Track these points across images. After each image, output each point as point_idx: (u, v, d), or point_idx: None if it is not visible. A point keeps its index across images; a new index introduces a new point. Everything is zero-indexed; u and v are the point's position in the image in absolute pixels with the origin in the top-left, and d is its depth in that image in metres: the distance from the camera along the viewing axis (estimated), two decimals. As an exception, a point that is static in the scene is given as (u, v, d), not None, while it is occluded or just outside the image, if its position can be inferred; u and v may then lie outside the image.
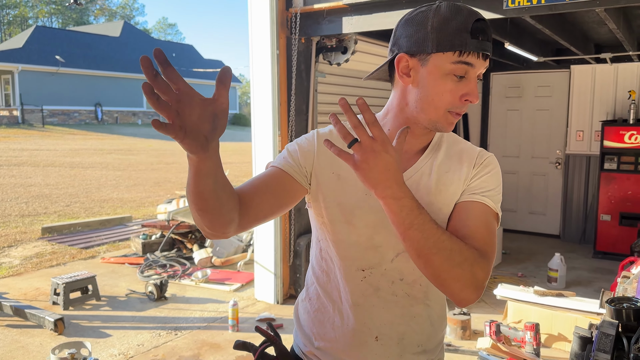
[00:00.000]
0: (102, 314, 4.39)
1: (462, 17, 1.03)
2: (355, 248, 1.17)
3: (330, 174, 1.16)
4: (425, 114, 1.09)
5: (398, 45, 1.10)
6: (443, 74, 1.05)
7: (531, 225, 7.11)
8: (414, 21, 1.07)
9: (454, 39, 1.02)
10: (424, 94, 1.08)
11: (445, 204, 1.14)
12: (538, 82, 6.92)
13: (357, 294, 1.18)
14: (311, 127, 4.71)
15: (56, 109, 26.40)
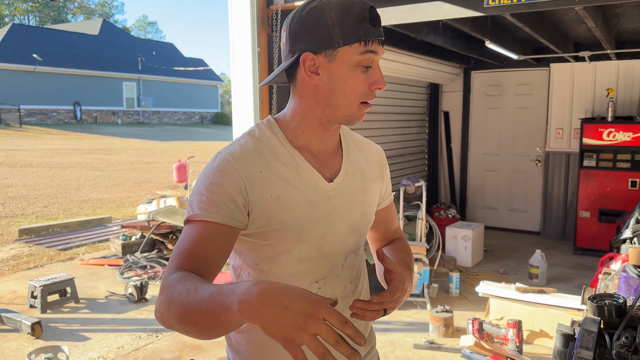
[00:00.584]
0: (81, 316, 4.31)
1: (358, 7, 1.04)
2: (306, 262, 1.14)
3: (269, 197, 1.07)
4: (339, 109, 1.09)
5: (299, 46, 1.06)
6: (352, 67, 1.05)
7: (512, 223, 7.18)
8: (310, 19, 1.04)
9: (358, 30, 1.03)
10: (337, 90, 1.07)
11: (371, 198, 1.24)
12: (518, 80, 6.98)
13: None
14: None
15: (34, 108, 25.91)
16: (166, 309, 0.92)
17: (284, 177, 1.10)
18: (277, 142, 1.12)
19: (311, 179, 1.13)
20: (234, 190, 1.05)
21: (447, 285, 4.82)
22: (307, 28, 1.05)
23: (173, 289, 0.92)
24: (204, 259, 1.01)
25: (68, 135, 22.44)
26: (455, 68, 7.11)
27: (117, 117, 30.01)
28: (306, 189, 1.12)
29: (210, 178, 1.06)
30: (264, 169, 1.09)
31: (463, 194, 7.53)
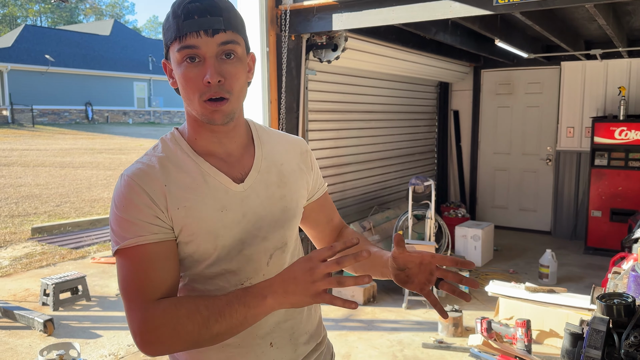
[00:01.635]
0: (93, 314, 4.35)
1: (174, 6, 1.05)
2: (228, 266, 1.12)
3: (177, 209, 1.06)
4: (191, 110, 1.10)
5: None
6: (178, 64, 1.05)
7: (522, 222, 7.14)
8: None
9: (172, 29, 1.04)
10: (180, 90, 1.09)
11: (292, 192, 1.22)
12: (528, 78, 6.94)
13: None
14: (302, 125, 4.69)
15: (46, 108, 26.17)
16: (175, 340, 0.97)
17: (190, 187, 1.08)
18: (180, 153, 1.12)
19: (220, 184, 1.11)
20: (149, 206, 1.04)
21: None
22: (163, 36, 1.10)
23: (173, 320, 0.96)
24: (162, 283, 1.02)
25: (80, 135, 22.63)
26: (465, 67, 7.08)
27: (128, 117, 30.22)
28: (216, 195, 1.10)
29: (122, 203, 1.04)
30: (168, 182, 1.07)
31: (473, 193, 7.50)
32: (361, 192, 6.03)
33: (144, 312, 0.98)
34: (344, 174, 5.66)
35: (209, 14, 1.02)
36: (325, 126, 5.26)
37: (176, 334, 0.96)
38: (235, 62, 1.06)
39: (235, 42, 1.05)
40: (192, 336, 0.96)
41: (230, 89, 1.05)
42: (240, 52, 1.07)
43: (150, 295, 1.00)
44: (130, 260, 1.02)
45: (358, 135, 5.82)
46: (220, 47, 1.03)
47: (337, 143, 5.47)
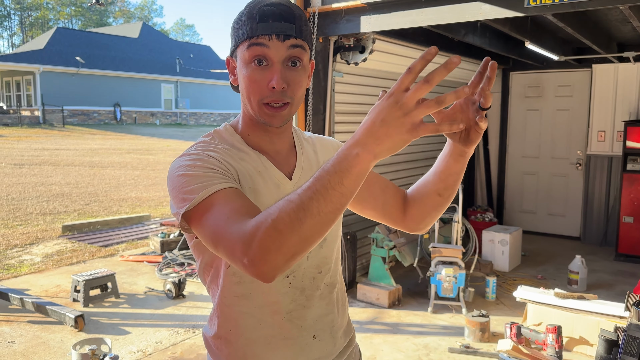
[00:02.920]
0: (121, 311, 4.44)
1: (252, 7, 1.06)
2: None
3: (246, 188, 1.07)
4: (248, 109, 1.11)
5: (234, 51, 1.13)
6: (245, 64, 1.07)
7: (550, 227, 7.01)
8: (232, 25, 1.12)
9: (245, 28, 1.05)
10: (241, 89, 1.11)
11: None
12: (558, 81, 6.82)
13: (287, 302, 1.14)
14: (328, 127, 4.70)
15: (76, 109, 26.78)
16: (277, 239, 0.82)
17: (255, 172, 1.11)
18: (238, 144, 1.14)
19: (274, 177, 1.14)
20: (223, 162, 1.03)
21: (483, 289, 4.75)
22: (231, 33, 1.11)
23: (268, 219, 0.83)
24: (252, 208, 0.94)
25: (108, 136, 23.09)
26: (493, 69, 6.99)
27: (156, 118, 30.71)
28: (271, 187, 1.12)
29: (190, 163, 1.00)
30: (236, 163, 1.08)
31: (500, 198, 7.41)
32: (386, 195, 6.00)
33: (243, 229, 0.86)
34: (370, 176, 5.65)
35: (284, 19, 1.03)
36: (351, 128, 5.26)
37: (278, 233, 0.82)
38: (300, 70, 1.07)
39: (303, 50, 1.07)
40: (294, 228, 0.82)
41: (293, 95, 1.08)
42: (305, 61, 1.09)
43: (245, 217, 0.89)
44: (211, 209, 0.93)
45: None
46: (289, 52, 1.04)
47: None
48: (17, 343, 3.76)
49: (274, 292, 1.13)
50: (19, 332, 3.95)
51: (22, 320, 4.16)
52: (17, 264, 5.72)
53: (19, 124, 24.33)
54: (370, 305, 4.54)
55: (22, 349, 3.67)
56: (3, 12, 54.84)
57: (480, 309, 4.09)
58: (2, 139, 19.38)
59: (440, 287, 4.33)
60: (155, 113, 30.82)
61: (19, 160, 14.50)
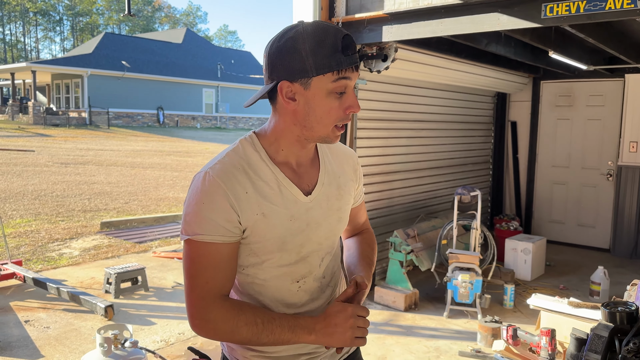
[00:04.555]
0: (149, 303, 4.68)
1: (331, 37, 1.10)
2: (287, 267, 1.26)
3: (256, 215, 1.18)
4: (314, 131, 1.18)
5: (277, 74, 1.14)
6: (326, 94, 1.13)
7: (579, 238, 6.91)
8: (286, 49, 1.11)
9: (330, 60, 1.10)
10: (312, 115, 1.15)
11: (346, 203, 1.37)
12: (590, 91, 6.74)
13: (296, 300, 1.30)
14: (350, 133, 4.83)
15: (121, 111, 27.82)
16: (229, 336, 1.17)
17: (268, 196, 1.19)
18: (259, 159, 1.21)
19: (291, 194, 1.23)
20: (227, 210, 1.15)
21: (501, 297, 4.77)
22: (283, 58, 1.12)
23: (232, 323, 1.15)
24: (225, 280, 1.19)
25: (151, 138, 23.87)
26: (523, 77, 6.98)
27: (197, 122, 31.53)
28: (287, 205, 1.22)
29: (202, 200, 1.15)
30: (249, 188, 1.18)
31: (529, 207, 7.35)
32: (409, 200, 6.08)
33: (206, 304, 1.16)
34: (392, 181, 5.75)
35: (356, 51, 1.15)
36: (374, 134, 5.38)
37: (232, 334, 1.16)
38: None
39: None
40: (243, 339, 1.17)
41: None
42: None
43: (215, 290, 1.16)
44: (198, 253, 1.15)
45: (408, 144, 5.89)
46: (355, 80, 1.18)
47: (385, 151, 5.56)
48: (51, 328, 4.04)
49: (285, 292, 1.28)
50: (54, 318, 4.24)
51: (58, 308, 4.46)
52: (57, 256, 6.08)
53: (67, 124, 25.46)
54: (386, 307, 4.64)
55: (56, 334, 3.95)
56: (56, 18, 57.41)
57: (494, 315, 4.13)
58: (51, 139, 20.35)
59: (456, 293, 4.38)
60: (196, 117, 31.64)
61: (65, 160, 15.21)
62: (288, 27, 1.15)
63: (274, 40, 1.16)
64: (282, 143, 1.23)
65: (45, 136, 21.12)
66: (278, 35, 1.16)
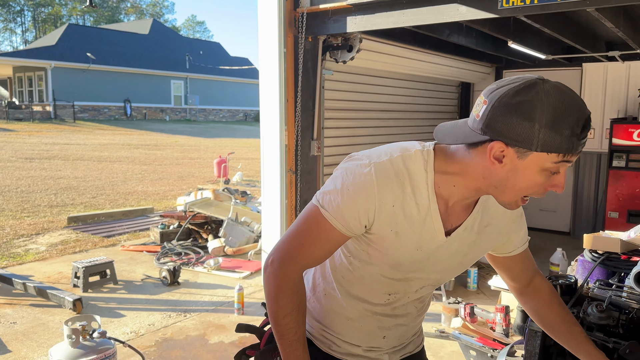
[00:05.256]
0: (118, 296, 4.68)
1: (573, 117, 0.97)
2: (389, 279, 1.27)
3: (389, 231, 1.16)
4: (501, 195, 1.09)
5: (493, 129, 1.00)
6: (540, 170, 1.02)
7: (542, 222, 7.15)
8: (518, 110, 0.97)
9: (563, 142, 0.97)
10: (512, 182, 1.05)
11: (478, 251, 1.29)
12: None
13: (378, 308, 1.32)
14: (317, 123, 4.89)
15: (87, 104, 27.22)
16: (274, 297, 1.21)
17: (411, 218, 1.15)
18: (423, 181, 1.13)
19: (433, 229, 1.17)
20: (364, 213, 1.13)
21: (465, 280, 4.93)
22: (510, 119, 0.98)
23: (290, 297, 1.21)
24: (319, 258, 1.24)
25: (118, 131, 23.46)
26: (486, 67, 7.15)
27: (165, 114, 31.09)
28: (423, 235, 1.17)
29: (349, 187, 1.12)
30: (397, 203, 1.13)
31: (493, 193, 7.55)
32: (378, 189, 6.19)
33: (290, 262, 1.19)
34: (361, 170, 5.84)
35: (587, 134, 1.02)
36: (341, 124, 5.46)
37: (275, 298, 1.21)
38: None
39: None
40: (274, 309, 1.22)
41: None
42: None
43: (304, 258, 1.21)
44: (317, 221, 1.16)
45: (375, 134, 5.99)
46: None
47: (352, 140, 5.65)
48: (18, 324, 4.01)
49: (372, 297, 1.30)
50: (21, 314, 4.20)
51: (24, 304, 4.42)
52: (23, 252, 5.99)
53: (30, 119, 24.80)
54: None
55: (23, 329, 3.92)
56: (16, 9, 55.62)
57: (460, 297, 4.27)
58: (14, 134, 19.81)
59: (422, 277, 4.50)
60: (164, 109, 31.20)
61: (30, 155, 14.86)
62: (525, 82, 1.00)
63: (505, 92, 1.00)
64: (457, 180, 1.13)
65: (8, 131, 20.55)
66: (511, 89, 0.99)
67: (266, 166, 4.83)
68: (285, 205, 4.76)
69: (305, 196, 4.92)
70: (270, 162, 4.78)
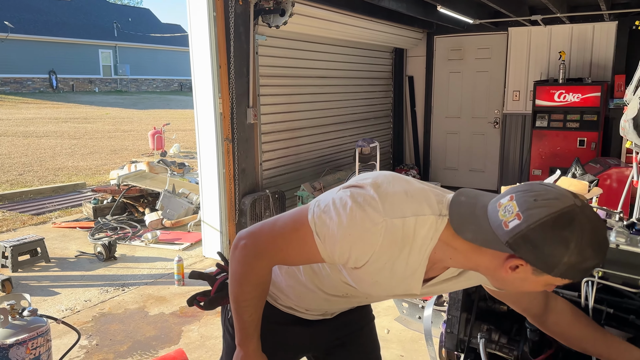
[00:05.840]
0: (51, 274, 4.53)
1: (596, 260, 0.99)
2: (352, 288, 1.30)
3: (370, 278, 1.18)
4: (499, 286, 1.17)
5: (520, 251, 0.99)
6: (547, 284, 1.07)
7: (471, 182, 7.48)
8: (552, 244, 0.97)
9: (577, 276, 1.01)
10: (516, 286, 1.10)
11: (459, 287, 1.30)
12: (478, 44, 7.17)
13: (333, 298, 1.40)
14: (253, 90, 4.84)
15: (8, 77, 25.43)
16: (239, 282, 1.27)
17: (395, 274, 1.16)
18: (423, 247, 1.12)
19: (411, 285, 1.19)
20: (354, 259, 1.13)
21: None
22: (542, 249, 0.98)
23: (254, 287, 1.28)
24: (289, 261, 1.29)
25: (44, 105, 22.17)
26: (418, 33, 7.27)
27: (95, 86, 29.59)
28: (399, 286, 1.20)
29: (352, 235, 1.10)
30: (390, 261, 1.13)
31: (426, 156, 7.81)
32: (316, 156, 6.25)
33: (265, 255, 1.23)
34: (298, 137, 5.86)
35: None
36: (277, 91, 5.42)
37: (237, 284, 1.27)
38: None
39: None
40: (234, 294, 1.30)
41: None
42: None
43: (278, 261, 1.26)
44: (304, 234, 1.16)
45: (311, 100, 6.00)
46: None
47: (289, 108, 5.64)
48: (-57, 308, 3.81)
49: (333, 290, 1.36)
50: (-55, 297, 3.99)
51: (-51, 287, 4.19)
52: (-56, 234, 5.64)
53: (-56, 93, 22.96)
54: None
55: (-52, 313, 3.73)
56: None
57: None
58: None
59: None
60: (93, 80, 29.66)
61: (-55, 132, 13.84)
62: (564, 212, 0.97)
63: (543, 219, 0.97)
64: (457, 257, 1.13)
65: None
66: (550, 217, 0.97)
67: (202, 135, 4.74)
68: (223, 174, 4.72)
69: (243, 164, 4.90)
70: (205, 131, 4.70)
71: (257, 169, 5.13)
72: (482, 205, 1.07)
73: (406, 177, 1.20)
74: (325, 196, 1.19)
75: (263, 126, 5.22)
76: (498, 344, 1.55)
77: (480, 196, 1.10)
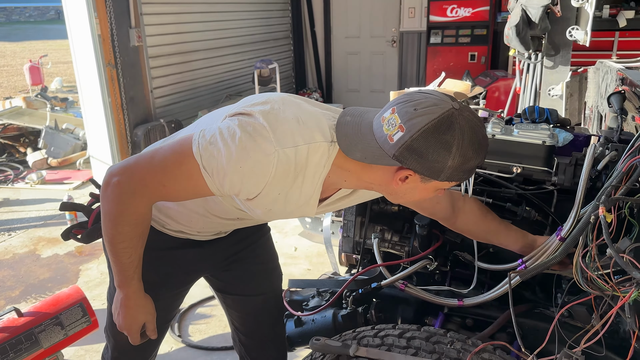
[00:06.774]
0: None
1: (478, 160, 1.04)
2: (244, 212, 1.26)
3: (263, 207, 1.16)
4: (392, 199, 1.20)
5: (406, 161, 1.01)
6: (436, 190, 1.12)
7: (372, 103, 7.58)
8: (435, 150, 0.99)
9: (462, 176, 1.05)
10: (408, 196, 1.14)
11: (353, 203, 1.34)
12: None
13: (227, 221, 1.36)
14: (134, 9, 4.43)
15: None
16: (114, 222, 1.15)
17: (289, 202, 1.15)
18: (316, 175, 1.11)
19: (305, 211, 1.20)
20: (246, 191, 1.10)
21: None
22: (426, 157, 1.00)
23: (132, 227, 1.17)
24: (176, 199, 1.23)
25: None
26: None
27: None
28: (293, 212, 1.21)
29: (242, 167, 1.06)
30: (283, 192, 1.11)
31: (328, 78, 7.75)
32: (214, 81, 5.97)
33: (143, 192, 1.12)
34: (192, 61, 5.54)
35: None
36: (163, 9, 5.02)
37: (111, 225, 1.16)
38: None
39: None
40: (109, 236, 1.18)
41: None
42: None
43: (159, 198, 1.17)
44: (188, 168, 1.08)
45: (203, 20, 5.64)
46: None
47: (179, 28, 5.27)
48: None
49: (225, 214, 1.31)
50: None
51: None
52: None
53: None
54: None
55: None
56: None
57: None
58: None
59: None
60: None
61: None
62: (443, 117, 0.98)
63: (424, 127, 0.98)
64: (350, 178, 1.15)
65: None
66: (430, 125, 0.98)
67: (80, 63, 4.32)
68: (109, 103, 4.38)
69: (131, 92, 4.57)
70: (84, 58, 4.28)
71: (148, 97, 4.81)
72: (368, 123, 1.07)
73: (297, 100, 1.16)
74: (210, 124, 1.12)
75: (150, 49, 4.84)
76: (390, 242, 1.59)
77: (365, 113, 1.11)
